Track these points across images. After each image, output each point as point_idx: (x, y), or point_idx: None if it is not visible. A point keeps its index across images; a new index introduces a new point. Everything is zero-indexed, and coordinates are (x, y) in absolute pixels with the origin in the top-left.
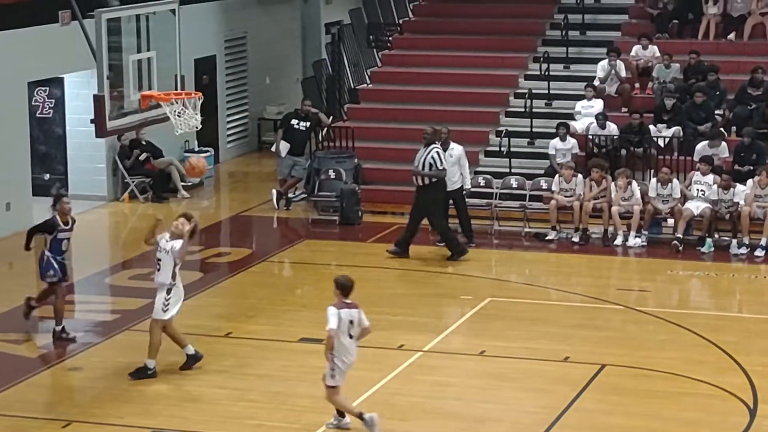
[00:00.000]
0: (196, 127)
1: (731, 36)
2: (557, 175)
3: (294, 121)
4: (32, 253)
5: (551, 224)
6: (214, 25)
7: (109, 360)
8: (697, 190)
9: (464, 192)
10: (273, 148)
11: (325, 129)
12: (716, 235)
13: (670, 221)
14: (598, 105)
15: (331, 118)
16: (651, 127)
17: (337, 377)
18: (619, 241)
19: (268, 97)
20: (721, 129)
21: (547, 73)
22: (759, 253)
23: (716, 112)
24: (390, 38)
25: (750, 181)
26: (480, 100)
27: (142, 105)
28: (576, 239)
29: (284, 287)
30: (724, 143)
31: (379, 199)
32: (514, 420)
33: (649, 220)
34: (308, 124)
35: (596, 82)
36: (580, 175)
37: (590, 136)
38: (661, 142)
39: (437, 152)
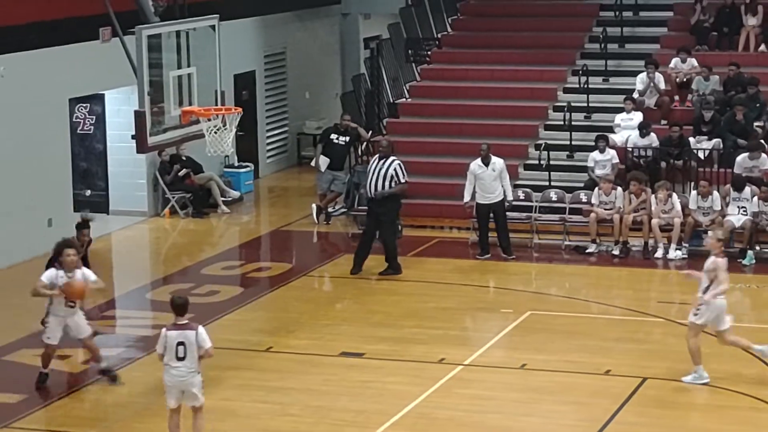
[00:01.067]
0: (226, 153)
1: None
2: (596, 188)
3: (333, 136)
4: None
5: (591, 237)
6: (254, 41)
7: (150, 375)
8: (738, 207)
9: (506, 205)
10: (312, 163)
11: (365, 143)
12: (757, 247)
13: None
14: (637, 117)
15: (370, 132)
16: (690, 139)
17: (167, 397)
18: (659, 253)
19: (308, 112)
20: (761, 141)
21: (586, 86)
22: None
23: (756, 124)
24: (429, 52)
25: None
26: (519, 114)
27: (183, 120)
28: (616, 252)
29: (324, 301)
30: (764, 155)
31: (419, 213)
32: None
33: (689, 233)
34: (347, 138)
35: (635, 95)
36: (619, 188)
37: (630, 149)
38: (701, 155)
39: (399, 165)
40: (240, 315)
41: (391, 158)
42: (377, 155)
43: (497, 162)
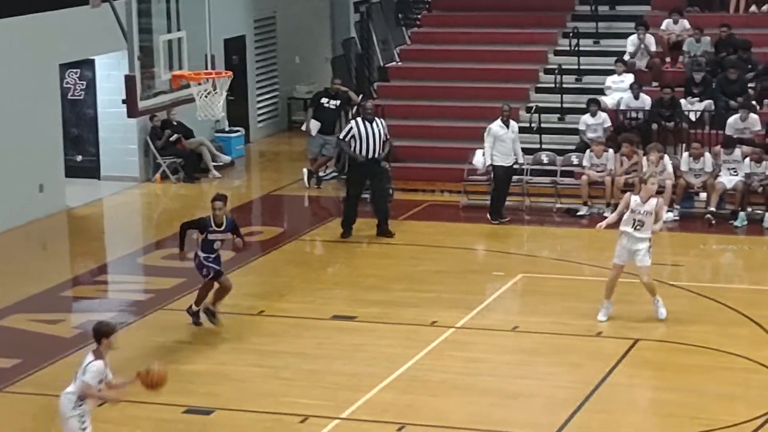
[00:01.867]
0: (217, 118)
1: (764, 8)
2: (588, 151)
3: (324, 100)
4: (65, 235)
5: (583, 200)
6: (244, 5)
7: (144, 339)
8: (728, 169)
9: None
10: (303, 127)
11: (355, 107)
12: (749, 209)
13: (703, 195)
14: (628, 79)
15: (360, 96)
16: (682, 101)
17: None
18: None
19: (298, 77)
20: (753, 102)
21: (577, 48)
22: None
23: (749, 85)
24: (419, 16)
25: None
26: (509, 77)
27: (173, 85)
28: (608, 214)
29: (316, 265)
30: (755, 116)
31: (410, 177)
32: (547, 395)
33: (681, 195)
34: (338, 102)
35: (626, 57)
36: (611, 150)
37: (623, 110)
38: (692, 116)
39: (384, 125)
40: (232, 279)
41: (378, 119)
42: (362, 118)
43: (514, 124)
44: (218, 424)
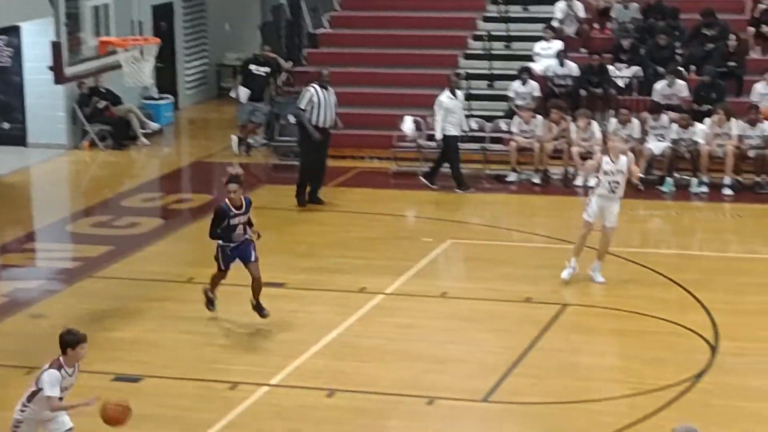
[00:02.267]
0: (145, 84)
1: None
2: (516, 117)
3: (253, 67)
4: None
5: (511, 166)
6: None
7: (72, 307)
8: (655, 135)
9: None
10: (233, 94)
11: (285, 74)
12: (676, 174)
13: None
14: (556, 46)
15: (290, 63)
16: (610, 67)
17: None
18: (579, 181)
19: (227, 44)
20: (680, 68)
21: (505, 14)
22: (727, 192)
23: (677, 52)
24: None
25: (708, 120)
26: (438, 43)
27: (100, 51)
28: (536, 180)
29: None
30: (683, 82)
31: (340, 143)
32: (478, 360)
33: None
34: (268, 69)
35: (555, 23)
36: (539, 116)
37: (550, 77)
38: (620, 83)
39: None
40: (161, 247)
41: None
42: (319, 85)
43: (460, 93)
44: (147, 392)
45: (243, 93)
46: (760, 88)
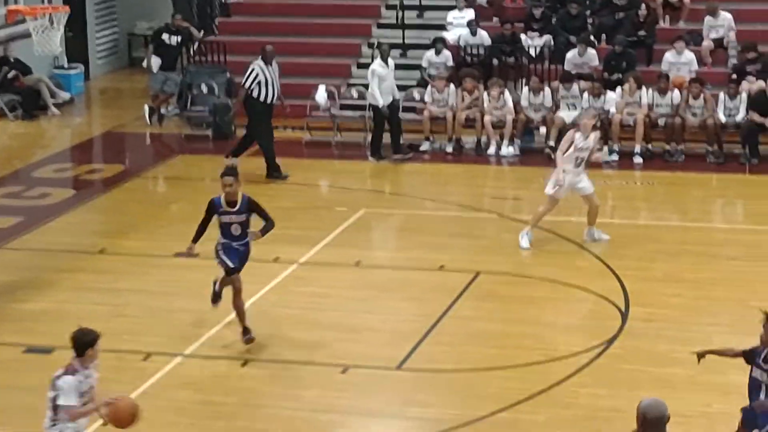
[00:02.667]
0: (55, 53)
1: None
2: (429, 86)
3: (165, 36)
4: None
5: (424, 135)
6: None
7: None
8: (567, 104)
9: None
10: (144, 64)
11: (197, 43)
12: None
13: (543, 130)
14: (469, 15)
15: (202, 32)
16: (522, 36)
17: None
18: (492, 150)
19: (139, 13)
20: (591, 37)
21: None
22: (637, 160)
23: (588, 21)
24: None
25: (619, 89)
26: (352, 12)
27: (8, 20)
28: (449, 149)
29: (159, 203)
30: (593, 51)
31: None
32: (392, 329)
33: (521, 129)
34: (179, 38)
35: None
36: (452, 85)
37: (463, 46)
38: (532, 52)
39: None
40: (73, 217)
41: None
42: (263, 61)
43: (392, 61)
44: (59, 363)
45: (154, 62)
46: (670, 57)
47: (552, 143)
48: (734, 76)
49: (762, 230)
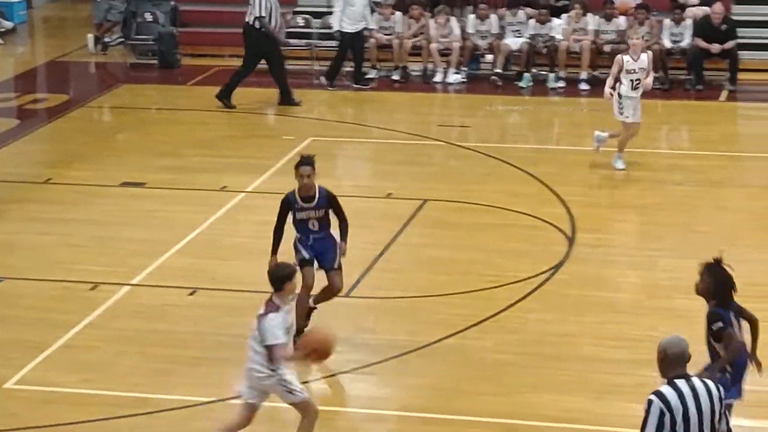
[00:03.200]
0: None
1: None
2: (376, 13)
3: None
4: None
5: (371, 63)
6: None
7: None
8: (513, 31)
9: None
10: None
11: None
12: (534, 70)
13: (489, 57)
14: None
15: None
16: None
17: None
18: (438, 77)
19: None
20: None
21: None
22: (585, 86)
23: None
24: None
25: (565, 16)
26: None
27: None
28: (396, 77)
29: (105, 132)
30: None
31: (198, 42)
32: None
33: (468, 57)
34: None
35: None
36: (398, 13)
37: None
38: None
39: None
40: (17, 148)
41: None
42: None
43: None
44: (7, 294)
45: None
46: None
47: (499, 70)
48: (679, 1)
49: (706, 156)
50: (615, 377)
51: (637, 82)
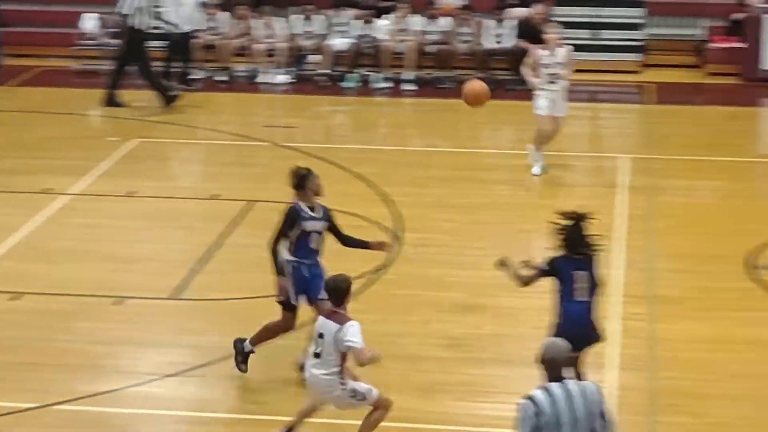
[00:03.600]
0: None
1: None
2: (201, 13)
3: None
4: None
5: (197, 63)
6: None
7: None
8: (338, 31)
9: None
10: None
11: None
12: (359, 70)
13: (314, 57)
14: None
15: None
16: None
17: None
18: (264, 78)
19: None
20: None
21: None
22: (410, 87)
23: None
24: None
25: (390, 16)
26: None
27: None
28: (222, 78)
29: None
30: None
31: (21, 42)
32: (165, 258)
33: (294, 57)
34: None
35: None
36: (226, 13)
37: None
38: None
39: None
40: None
41: None
42: None
43: None
44: None
45: None
46: None
47: (326, 71)
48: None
49: (528, 155)
50: (439, 375)
51: (555, 75)
